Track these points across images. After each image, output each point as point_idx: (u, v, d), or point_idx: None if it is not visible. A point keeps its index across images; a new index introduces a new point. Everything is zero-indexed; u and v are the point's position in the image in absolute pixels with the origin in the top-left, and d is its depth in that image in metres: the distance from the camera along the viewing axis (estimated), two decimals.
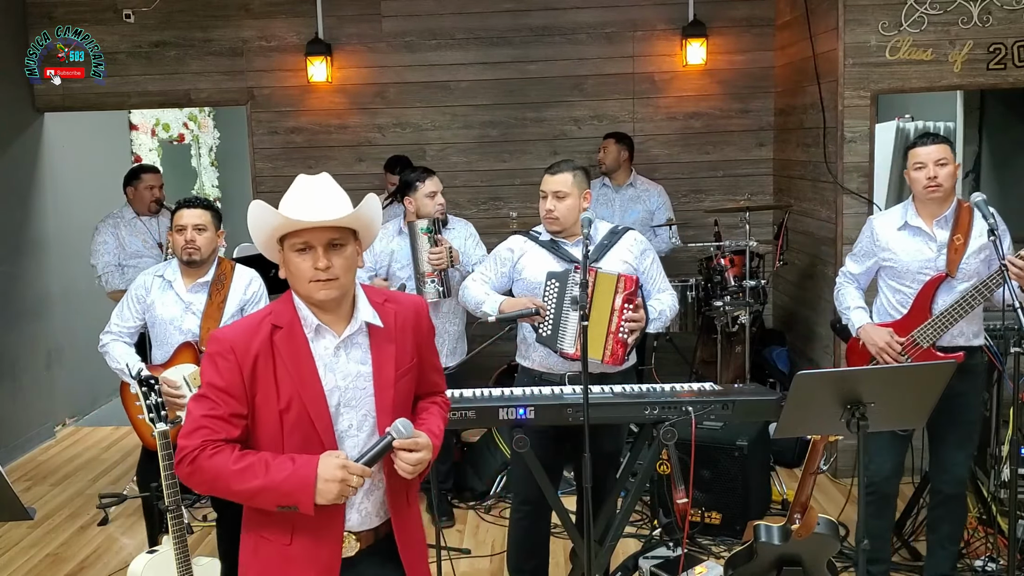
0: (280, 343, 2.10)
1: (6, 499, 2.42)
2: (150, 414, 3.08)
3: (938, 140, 3.39)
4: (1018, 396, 3.21)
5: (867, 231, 3.60)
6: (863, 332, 3.50)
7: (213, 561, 3.32)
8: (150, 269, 3.70)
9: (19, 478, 5.45)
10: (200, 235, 3.49)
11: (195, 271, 3.55)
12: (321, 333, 2.13)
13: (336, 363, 2.14)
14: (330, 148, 6.22)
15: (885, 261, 3.50)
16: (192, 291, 3.55)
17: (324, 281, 2.07)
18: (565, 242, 3.53)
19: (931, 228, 3.41)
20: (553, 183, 3.46)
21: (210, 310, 3.52)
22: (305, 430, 2.10)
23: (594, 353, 3.35)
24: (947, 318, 3.34)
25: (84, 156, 6.76)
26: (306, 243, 2.07)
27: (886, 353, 3.41)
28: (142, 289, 3.61)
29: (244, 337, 2.10)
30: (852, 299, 3.61)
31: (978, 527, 3.95)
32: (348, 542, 2.18)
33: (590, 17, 6.08)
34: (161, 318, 3.56)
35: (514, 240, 3.64)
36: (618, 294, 3.33)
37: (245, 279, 3.62)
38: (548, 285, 3.42)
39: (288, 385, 2.09)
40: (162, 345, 3.58)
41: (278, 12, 6.08)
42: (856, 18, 4.77)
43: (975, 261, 3.37)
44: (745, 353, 5.12)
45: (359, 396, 2.16)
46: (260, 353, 2.08)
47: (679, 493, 2.97)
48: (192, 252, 3.49)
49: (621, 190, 5.73)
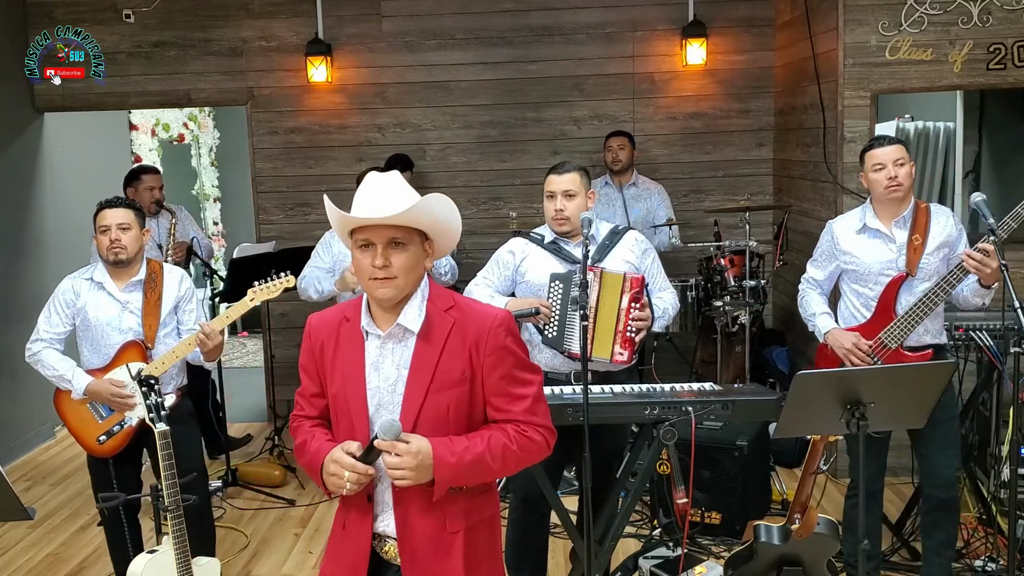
0: (344, 334, 2.18)
1: (6, 499, 2.42)
2: (150, 414, 3.09)
3: (896, 140, 3.42)
4: (1018, 396, 3.21)
5: (827, 235, 3.61)
6: (830, 337, 3.53)
7: (213, 561, 3.32)
8: (75, 273, 3.63)
9: (19, 478, 5.45)
10: (125, 234, 3.46)
11: (124, 271, 3.52)
12: (371, 330, 2.16)
13: (381, 363, 2.14)
14: (330, 148, 6.22)
15: (847, 264, 3.53)
16: (126, 290, 3.53)
17: (381, 280, 2.06)
18: (567, 243, 3.53)
19: (890, 229, 3.45)
20: (562, 182, 3.46)
21: (148, 307, 3.52)
22: (347, 421, 2.15)
23: (603, 353, 3.36)
24: (912, 317, 3.36)
25: (84, 156, 6.76)
26: (367, 240, 2.07)
27: (853, 355, 3.43)
28: (70, 293, 3.55)
29: (323, 321, 2.22)
30: (816, 305, 3.64)
31: (978, 527, 3.95)
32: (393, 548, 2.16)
33: (590, 17, 6.08)
34: (96, 320, 3.51)
35: (515, 243, 3.64)
36: (625, 294, 3.34)
37: (176, 276, 3.64)
38: (552, 287, 3.43)
39: (340, 375, 2.16)
40: (98, 348, 3.52)
41: (278, 12, 6.08)
42: (856, 18, 4.77)
43: (934, 260, 3.41)
44: (745, 353, 5.13)
45: (395, 402, 2.12)
46: (327, 339, 2.19)
47: (679, 493, 2.97)
48: (119, 251, 3.45)
49: (624, 190, 5.73)
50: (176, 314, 3.61)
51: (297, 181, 6.23)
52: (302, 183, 6.21)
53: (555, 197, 3.46)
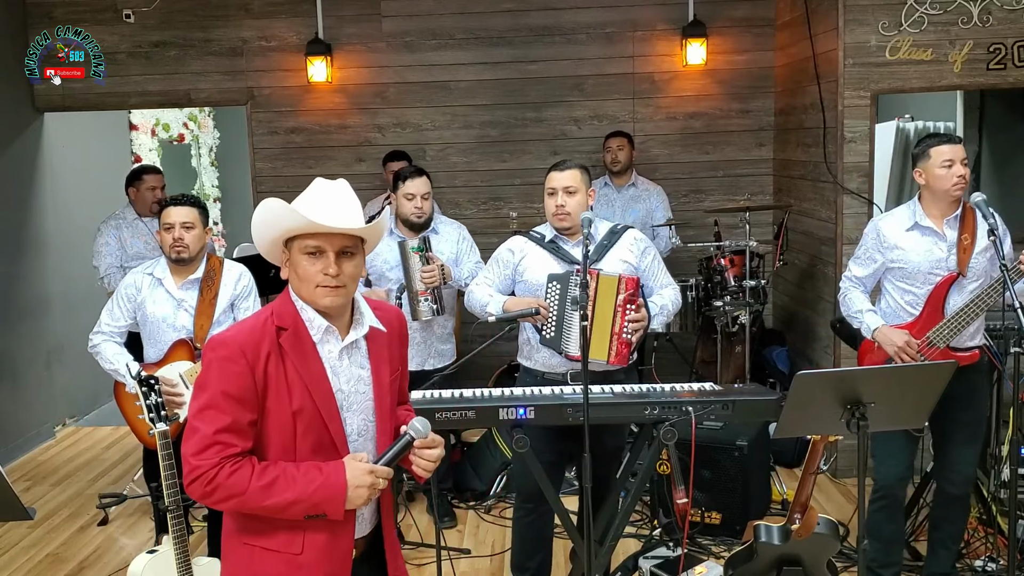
0: (287, 344, 2.06)
1: (6, 499, 2.42)
2: (150, 414, 3.08)
3: (957, 139, 3.41)
4: (1018, 396, 3.21)
5: (872, 233, 3.56)
6: (880, 334, 3.47)
7: (213, 561, 3.31)
8: (139, 268, 3.70)
9: (19, 478, 5.44)
10: (188, 233, 3.50)
11: (185, 268, 3.56)
12: (327, 336, 2.11)
13: (340, 366, 2.13)
14: (330, 148, 6.22)
15: (893, 263, 3.48)
16: (183, 288, 3.56)
17: (332, 288, 2.05)
18: (566, 242, 3.54)
19: (942, 228, 3.41)
20: (563, 179, 3.46)
21: (202, 306, 3.54)
22: (318, 432, 2.08)
23: (599, 354, 3.37)
24: (962, 318, 3.34)
25: (84, 156, 6.76)
26: (319, 247, 2.05)
27: (904, 353, 3.39)
28: (132, 288, 3.61)
29: (252, 338, 2.04)
30: (861, 303, 3.58)
31: (978, 527, 3.95)
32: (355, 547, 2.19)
33: (590, 17, 6.08)
34: (153, 316, 3.56)
35: (514, 241, 3.65)
36: (620, 295, 3.35)
37: (235, 274, 3.64)
38: (549, 287, 3.43)
39: (299, 387, 2.05)
40: (155, 343, 3.58)
41: (278, 12, 6.08)
42: (856, 18, 4.77)
43: (982, 260, 3.38)
44: (745, 353, 5.12)
45: (360, 400, 2.16)
46: (270, 353, 2.04)
47: (679, 493, 2.97)
48: (180, 250, 3.50)
49: (622, 190, 5.73)
50: (232, 312, 3.62)
51: (297, 181, 6.17)
52: (302, 183, 6.06)
53: (556, 193, 3.47)
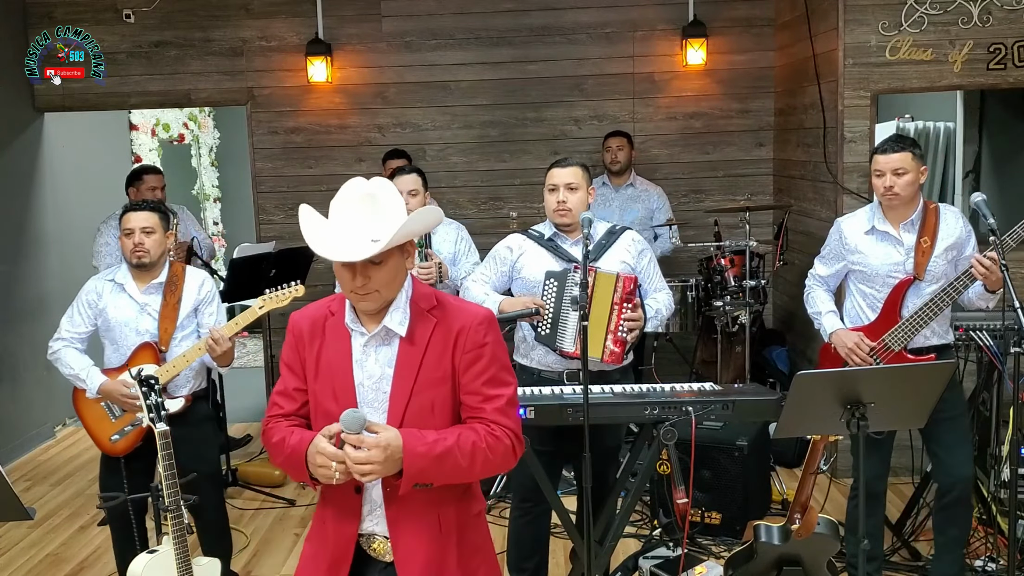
0: (329, 329, 2.18)
1: (6, 499, 2.42)
2: (150, 414, 3.08)
3: (901, 148, 3.35)
4: (1018, 396, 3.21)
5: (835, 233, 3.60)
6: (835, 337, 3.53)
7: (213, 561, 3.31)
8: (99, 274, 3.69)
9: (19, 478, 5.45)
10: (148, 238, 3.48)
11: (146, 273, 3.55)
12: (355, 328, 2.17)
13: (365, 360, 2.15)
14: (330, 148, 6.22)
15: (854, 264, 3.52)
16: (146, 293, 3.55)
17: (361, 296, 2.08)
18: (565, 240, 3.55)
19: (898, 232, 3.43)
20: (564, 175, 3.48)
21: (166, 311, 3.53)
22: (333, 416, 2.08)
23: (594, 352, 3.37)
24: (917, 321, 3.36)
25: (84, 156, 6.76)
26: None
27: (855, 354, 3.43)
28: (93, 294, 3.59)
29: (306, 316, 2.22)
30: (823, 303, 3.63)
31: (978, 527, 3.95)
32: (386, 546, 2.17)
33: (590, 17, 6.08)
34: (116, 321, 3.55)
35: (513, 239, 3.65)
36: (616, 293, 3.37)
37: (198, 280, 3.64)
38: (547, 284, 3.44)
39: (325, 369, 2.16)
40: (118, 348, 3.57)
41: (278, 12, 6.08)
42: (856, 18, 4.77)
43: (942, 263, 3.40)
44: (745, 353, 5.12)
45: (379, 399, 2.14)
46: (312, 334, 2.19)
47: (679, 493, 2.97)
48: (141, 255, 3.48)
49: (620, 190, 5.72)
50: (196, 317, 3.62)
51: (297, 181, 6.23)
52: (302, 183, 6.21)
53: (558, 190, 3.48)
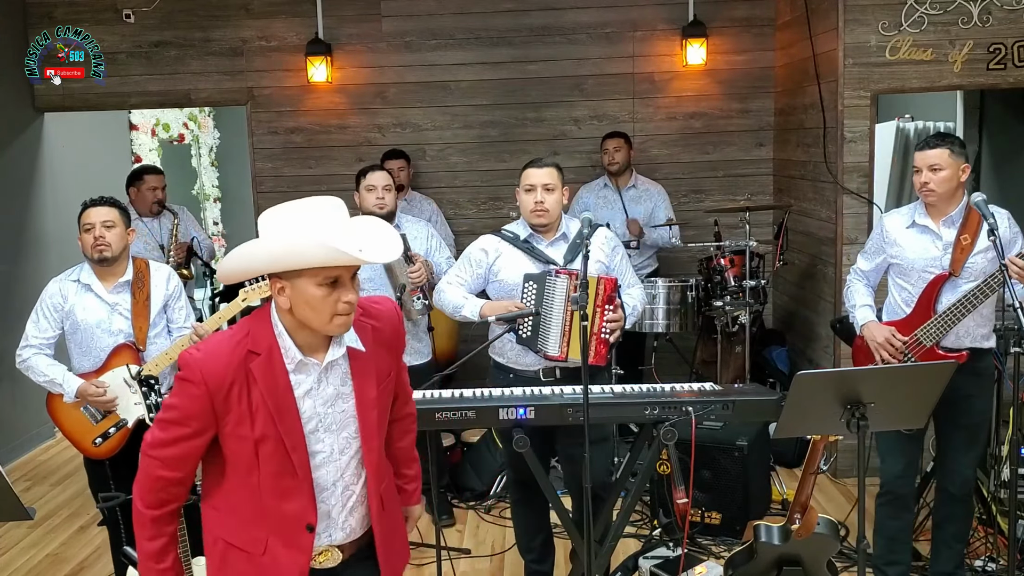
0: (258, 371, 2.00)
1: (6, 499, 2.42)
2: (150, 414, 3.09)
3: (938, 144, 3.36)
4: (1018, 396, 3.21)
5: (877, 228, 3.62)
6: (865, 330, 3.51)
7: None
8: (59, 276, 3.56)
9: (19, 478, 5.45)
10: (109, 232, 3.41)
11: (111, 271, 3.47)
12: (301, 368, 2.05)
13: (317, 389, 2.07)
14: (330, 148, 6.22)
15: (893, 258, 3.52)
16: (114, 292, 3.48)
17: (347, 315, 1.99)
18: (540, 241, 3.56)
19: (938, 227, 3.42)
20: (541, 176, 3.48)
21: (137, 308, 3.47)
22: (280, 460, 2.04)
23: (578, 353, 3.36)
24: (949, 317, 3.34)
25: (84, 156, 6.76)
26: (338, 276, 1.96)
27: (884, 349, 3.42)
28: (58, 297, 3.49)
29: (219, 364, 1.98)
30: (859, 297, 3.62)
31: (978, 527, 3.95)
32: (332, 554, 2.17)
33: (590, 17, 6.08)
34: (85, 323, 3.46)
35: (487, 241, 3.64)
36: (598, 296, 3.38)
37: (163, 275, 3.59)
38: (526, 287, 3.44)
39: (264, 416, 2.01)
40: (89, 351, 3.47)
41: (278, 12, 6.08)
42: (856, 18, 4.77)
43: (982, 261, 3.36)
44: (745, 353, 5.12)
45: (340, 419, 2.11)
46: (235, 381, 1.99)
47: (679, 493, 2.97)
48: (103, 249, 3.40)
49: (623, 191, 5.72)
50: (166, 313, 3.57)
51: (297, 181, 6.23)
52: (302, 183, 6.21)
53: (535, 190, 3.48)
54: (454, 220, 5.93)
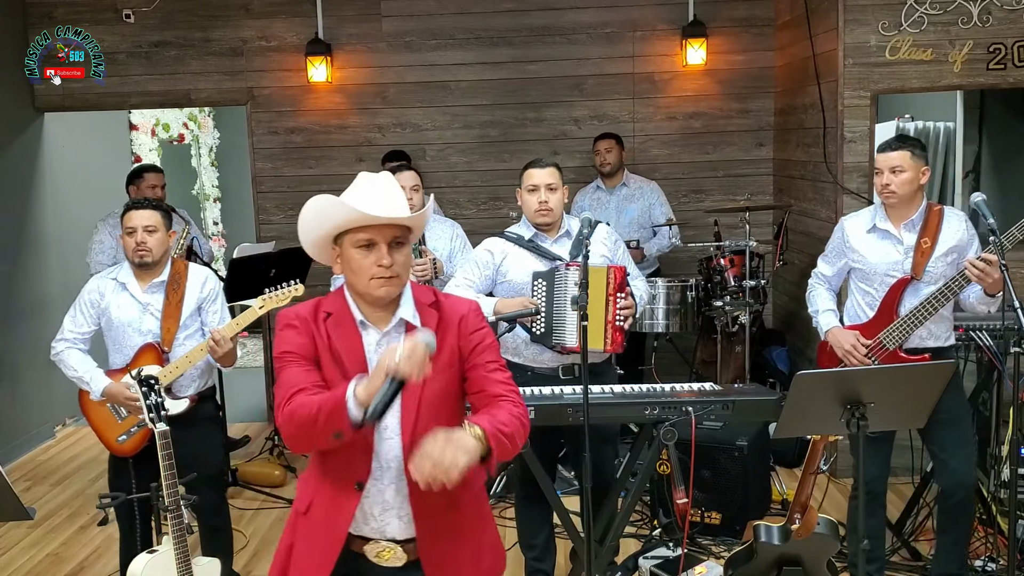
0: (332, 328, 2.14)
1: (6, 499, 2.42)
2: (150, 414, 3.08)
3: (900, 146, 3.38)
4: (1018, 396, 3.21)
5: (838, 232, 3.64)
6: (830, 335, 3.56)
7: (213, 561, 3.32)
8: (101, 273, 3.64)
9: (19, 478, 5.44)
10: (151, 236, 3.44)
11: (148, 272, 3.51)
12: (365, 327, 2.16)
13: (376, 357, 2.13)
14: (330, 148, 6.22)
15: (854, 263, 3.55)
16: (148, 292, 3.51)
17: (387, 278, 2.09)
18: (545, 239, 3.60)
19: (898, 231, 3.44)
20: (544, 176, 3.53)
21: (168, 310, 3.49)
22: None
23: (596, 344, 3.44)
24: (912, 320, 3.37)
25: (84, 156, 6.76)
26: (371, 240, 2.08)
27: (852, 356, 3.46)
28: (96, 293, 3.54)
29: (305, 312, 2.17)
30: (822, 302, 3.67)
31: (978, 527, 3.95)
32: (394, 552, 2.16)
33: (590, 17, 6.08)
34: (118, 321, 3.50)
35: (492, 243, 3.67)
36: (609, 285, 3.45)
37: (200, 277, 3.60)
38: (536, 285, 3.48)
39: (338, 368, 2.12)
40: (121, 349, 3.52)
41: (278, 12, 6.08)
42: (856, 18, 4.77)
43: (942, 264, 3.40)
44: (745, 353, 5.12)
45: None
46: (317, 332, 2.14)
47: (679, 493, 2.97)
48: (143, 254, 3.44)
49: (615, 191, 5.72)
50: (199, 315, 3.58)
51: (297, 181, 6.23)
52: (302, 183, 6.21)
53: (538, 190, 3.53)
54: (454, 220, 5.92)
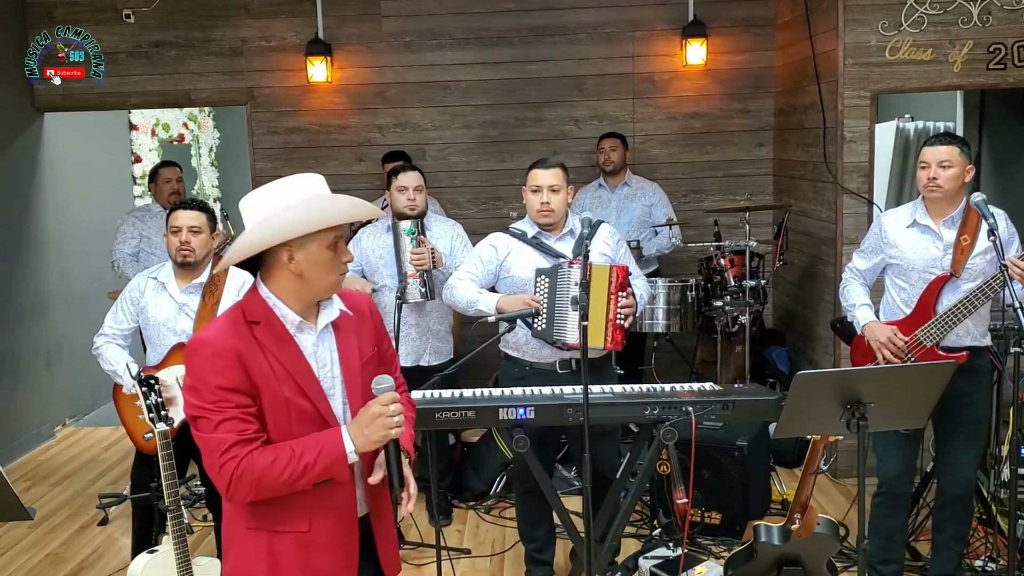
0: (262, 337, 2.09)
1: (6, 499, 2.42)
2: (150, 414, 3.09)
3: (949, 141, 3.37)
4: (1018, 396, 3.21)
5: (876, 228, 3.61)
6: (867, 330, 3.50)
7: (213, 561, 3.32)
8: (144, 271, 3.70)
9: (19, 478, 5.44)
10: (195, 237, 3.49)
11: (189, 273, 3.56)
12: (302, 328, 2.15)
13: (317, 352, 2.16)
14: (330, 148, 6.22)
15: (892, 259, 3.51)
16: (186, 292, 3.55)
17: (343, 276, 2.17)
18: (548, 237, 3.63)
19: (938, 227, 3.42)
20: (547, 177, 3.55)
21: (204, 312, 3.51)
22: (311, 415, 2.12)
23: (596, 341, 3.47)
24: (951, 318, 3.34)
25: (84, 156, 6.76)
26: (338, 236, 2.13)
27: (887, 349, 3.41)
28: (136, 291, 3.60)
29: (225, 336, 2.06)
30: (857, 296, 3.61)
31: (978, 527, 3.95)
32: None
33: (590, 17, 6.08)
34: (154, 319, 3.56)
35: (497, 238, 3.70)
36: (611, 284, 3.47)
37: (238, 281, 3.60)
38: (539, 281, 3.50)
39: (284, 376, 2.08)
40: (156, 347, 3.58)
41: (278, 12, 6.08)
42: (856, 18, 4.77)
43: (982, 261, 3.36)
44: (745, 353, 5.12)
45: (333, 384, 2.19)
46: (244, 350, 2.05)
47: (679, 493, 2.97)
48: (187, 254, 3.49)
49: (616, 191, 5.72)
50: None
51: None
52: None
53: (541, 191, 3.55)
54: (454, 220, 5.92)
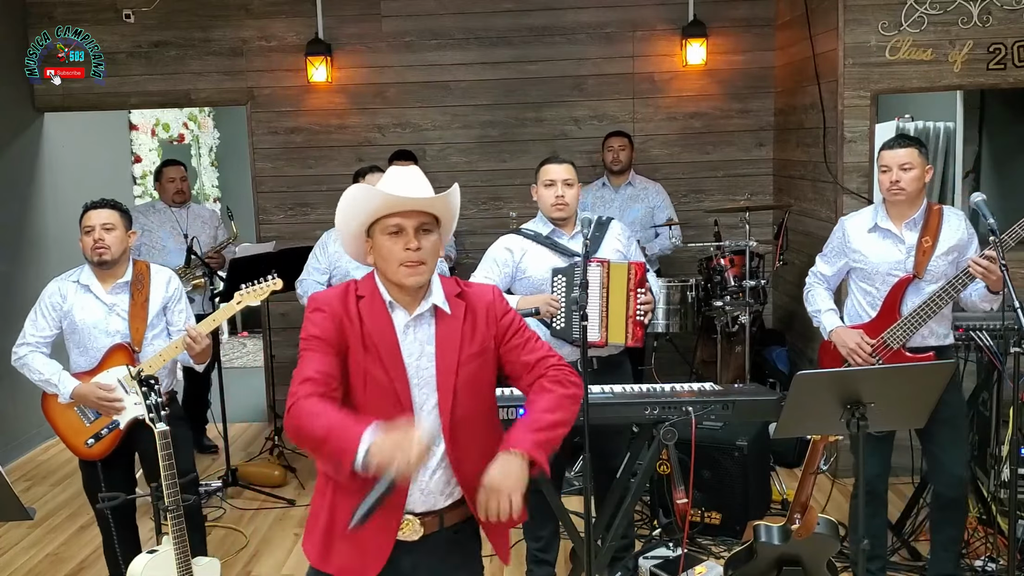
0: (364, 310, 2.20)
1: (6, 499, 2.42)
2: (150, 414, 3.08)
3: (908, 143, 3.40)
4: (1018, 396, 3.21)
5: (838, 232, 3.63)
6: (835, 335, 3.55)
7: (213, 561, 3.32)
8: (60, 276, 3.57)
9: (19, 478, 5.45)
10: (108, 234, 3.40)
11: (110, 273, 3.47)
12: (394, 308, 2.22)
13: (405, 339, 2.21)
14: (330, 148, 6.22)
15: (855, 263, 3.55)
16: (112, 292, 3.47)
17: (414, 265, 2.16)
18: (562, 236, 3.65)
19: (900, 230, 3.45)
20: (561, 171, 3.62)
21: (135, 310, 3.46)
22: (387, 390, 2.16)
23: (618, 338, 3.56)
24: (916, 319, 3.37)
25: (84, 156, 6.76)
26: (399, 226, 2.16)
27: (856, 355, 3.45)
28: (57, 296, 3.49)
29: (332, 296, 2.22)
30: (823, 301, 3.66)
31: (978, 527, 3.95)
32: (411, 525, 2.20)
33: (590, 17, 6.08)
34: (83, 323, 3.45)
35: (510, 240, 3.70)
36: (630, 281, 3.55)
37: (164, 278, 3.58)
38: (555, 280, 3.55)
39: (373, 349, 2.17)
40: (86, 351, 3.47)
41: (278, 12, 6.08)
42: (856, 18, 4.77)
43: (943, 263, 3.41)
44: (745, 353, 5.12)
45: (421, 376, 2.21)
46: (347, 309, 2.19)
47: (679, 493, 2.97)
48: (102, 252, 3.40)
49: (620, 190, 5.72)
50: (165, 315, 3.56)
51: (297, 181, 6.23)
52: (302, 183, 6.21)
53: (555, 185, 3.60)
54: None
